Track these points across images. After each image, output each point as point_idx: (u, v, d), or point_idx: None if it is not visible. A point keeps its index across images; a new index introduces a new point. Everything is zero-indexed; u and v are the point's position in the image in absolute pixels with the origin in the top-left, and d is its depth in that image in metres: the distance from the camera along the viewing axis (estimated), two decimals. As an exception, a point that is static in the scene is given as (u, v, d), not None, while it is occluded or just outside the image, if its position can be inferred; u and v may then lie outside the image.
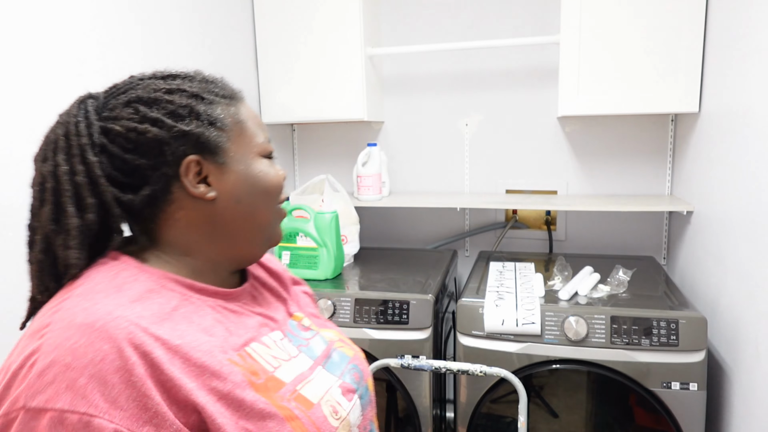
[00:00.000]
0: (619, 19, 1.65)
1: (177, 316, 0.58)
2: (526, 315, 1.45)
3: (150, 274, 0.61)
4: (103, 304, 0.53)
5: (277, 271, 0.85)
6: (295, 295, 0.84)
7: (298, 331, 0.74)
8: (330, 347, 0.76)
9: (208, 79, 0.69)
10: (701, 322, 1.35)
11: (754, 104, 1.25)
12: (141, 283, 0.59)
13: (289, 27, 1.96)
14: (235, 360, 0.59)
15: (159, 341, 0.53)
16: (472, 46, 1.89)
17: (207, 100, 0.65)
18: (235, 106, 0.68)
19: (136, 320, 0.53)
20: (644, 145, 1.98)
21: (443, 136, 2.18)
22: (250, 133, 0.68)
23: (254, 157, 0.68)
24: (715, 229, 1.50)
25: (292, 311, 0.78)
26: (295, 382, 0.64)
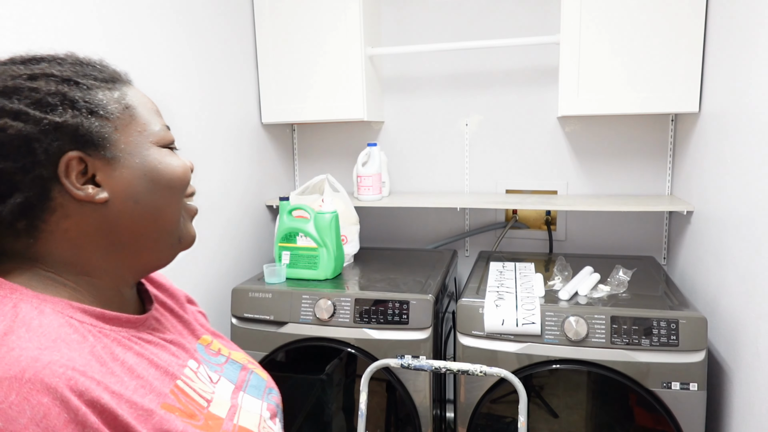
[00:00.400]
0: (619, 18, 1.65)
1: (100, 354, 0.49)
2: (526, 315, 1.45)
3: (53, 305, 0.50)
4: (22, 349, 0.43)
5: (169, 287, 0.75)
6: (192, 314, 0.75)
7: (208, 356, 0.68)
8: (246, 371, 0.71)
9: (83, 61, 0.58)
10: (701, 322, 1.35)
11: (754, 104, 1.25)
12: (49, 317, 0.48)
13: (289, 27, 1.96)
14: (170, 403, 0.53)
15: (101, 385, 0.46)
16: (472, 46, 1.89)
17: (83, 84, 0.55)
18: (120, 90, 0.58)
19: (69, 363, 0.44)
20: (644, 145, 1.98)
21: (443, 136, 2.18)
22: (142, 120, 0.58)
23: (150, 148, 0.58)
24: (715, 229, 1.50)
25: (199, 333, 0.71)
26: (229, 415, 0.60)
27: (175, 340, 0.63)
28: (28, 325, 0.46)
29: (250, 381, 0.70)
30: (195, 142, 1.65)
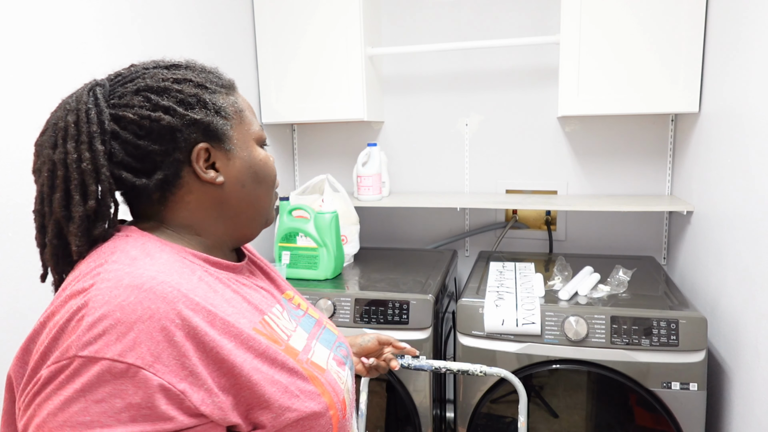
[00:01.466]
0: (619, 18, 1.65)
1: (204, 285, 0.62)
2: (526, 315, 1.45)
3: (171, 247, 0.65)
4: (146, 269, 0.57)
5: (254, 252, 0.89)
6: (276, 272, 0.89)
7: (290, 307, 0.80)
8: (320, 324, 0.83)
9: (207, 69, 0.72)
10: (701, 322, 1.35)
11: (754, 104, 1.25)
12: (167, 254, 0.63)
13: (289, 27, 1.96)
14: (259, 329, 0.64)
15: (198, 307, 0.57)
16: (472, 46, 1.89)
17: (210, 89, 0.69)
18: (233, 96, 0.72)
19: (177, 286, 0.57)
20: (644, 145, 1.98)
21: (443, 136, 2.18)
22: (248, 121, 0.72)
23: (253, 145, 0.72)
24: (715, 229, 1.50)
25: (284, 288, 0.84)
26: (305, 350, 0.71)
27: (265, 287, 0.76)
28: (152, 256, 0.60)
29: (322, 334, 0.81)
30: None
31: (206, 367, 0.56)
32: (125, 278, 0.55)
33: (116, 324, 0.52)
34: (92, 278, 0.56)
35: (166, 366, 0.52)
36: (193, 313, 0.56)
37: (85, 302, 0.53)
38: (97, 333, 0.51)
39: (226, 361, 0.57)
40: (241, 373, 0.58)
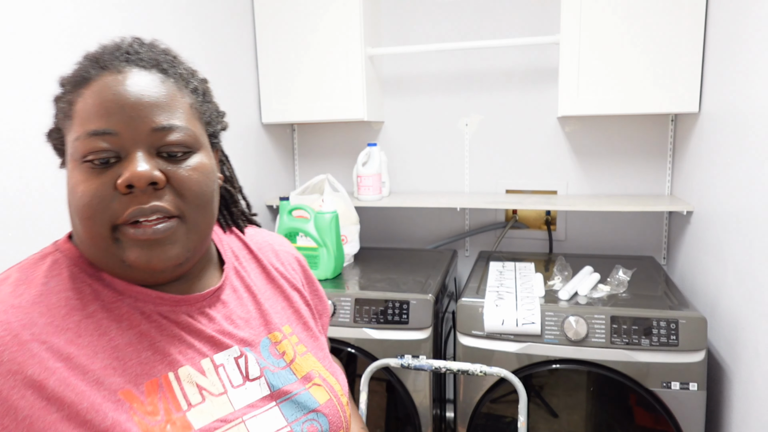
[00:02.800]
0: (619, 19, 1.65)
1: (89, 325, 0.54)
2: (526, 315, 1.45)
3: (78, 269, 0.57)
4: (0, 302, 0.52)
5: (302, 262, 0.80)
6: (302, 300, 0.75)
7: (268, 354, 0.66)
8: (298, 386, 0.66)
9: (87, 55, 0.60)
10: (701, 322, 1.35)
11: (754, 104, 1.25)
12: (58, 281, 0.55)
13: (289, 27, 1.96)
14: (135, 392, 0.53)
15: (37, 357, 0.50)
16: (472, 46, 1.89)
17: (66, 87, 0.59)
18: (78, 93, 0.57)
19: (21, 327, 0.50)
20: (644, 145, 1.98)
21: (443, 136, 2.18)
22: (75, 129, 0.55)
23: (73, 163, 0.55)
24: (715, 229, 1.50)
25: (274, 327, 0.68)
26: (210, 428, 0.56)
27: (222, 329, 0.62)
28: (29, 282, 0.54)
29: (297, 397, 0.64)
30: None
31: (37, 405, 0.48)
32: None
33: None
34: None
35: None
36: (21, 367, 0.49)
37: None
38: None
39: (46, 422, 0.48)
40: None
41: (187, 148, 0.57)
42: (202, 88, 0.64)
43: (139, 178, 0.52)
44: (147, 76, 0.56)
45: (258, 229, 0.81)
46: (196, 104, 0.61)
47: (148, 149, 0.55)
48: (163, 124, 0.55)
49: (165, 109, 0.56)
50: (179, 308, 0.60)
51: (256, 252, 0.75)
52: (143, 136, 0.54)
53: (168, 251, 0.55)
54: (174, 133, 0.56)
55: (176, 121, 0.56)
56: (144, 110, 0.54)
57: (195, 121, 0.60)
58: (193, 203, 0.57)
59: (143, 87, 0.55)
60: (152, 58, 0.59)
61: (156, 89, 0.56)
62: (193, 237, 0.58)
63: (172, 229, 0.55)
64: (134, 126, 0.54)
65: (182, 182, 0.56)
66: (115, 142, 0.53)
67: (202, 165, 0.58)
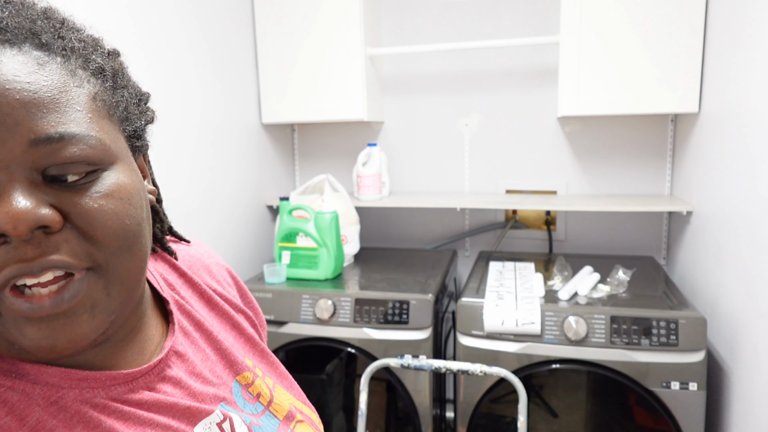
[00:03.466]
0: (619, 19, 1.65)
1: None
2: (526, 315, 1.45)
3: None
4: None
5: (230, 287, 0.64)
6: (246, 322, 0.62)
7: (243, 401, 0.54)
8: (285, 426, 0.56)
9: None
10: (701, 322, 1.35)
11: (754, 104, 1.26)
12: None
13: (289, 27, 1.96)
14: None
15: None
16: (472, 46, 1.89)
17: None
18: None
19: None
20: (644, 145, 1.98)
21: (443, 136, 2.18)
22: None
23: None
24: (715, 229, 1.50)
25: (240, 368, 0.56)
26: None
27: (189, 405, 0.47)
28: None
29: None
30: (195, 143, 1.65)
31: None
32: None
33: None
34: None
35: None
36: None
37: None
38: None
39: None
40: None
41: (92, 165, 0.38)
42: (110, 68, 0.44)
43: (17, 223, 0.34)
44: (15, 58, 0.36)
45: (182, 244, 0.64)
46: (101, 94, 0.41)
47: (29, 174, 0.36)
48: (49, 133, 0.35)
49: (50, 108, 0.36)
50: (137, 384, 0.45)
51: (188, 274, 0.59)
52: (17, 155, 0.35)
53: (81, 326, 0.38)
54: (69, 146, 0.36)
55: (71, 126, 0.37)
56: (13, 115, 0.34)
57: (103, 121, 0.40)
58: (113, 246, 0.39)
59: (10, 77, 0.35)
60: (23, 26, 0.37)
61: (32, 77, 0.36)
62: (118, 293, 0.40)
63: (82, 292, 0.37)
64: (1, 141, 0.34)
65: (90, 218, 0.37)
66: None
67: (119, 187, 0.40)
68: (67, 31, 0.41)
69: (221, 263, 0.65)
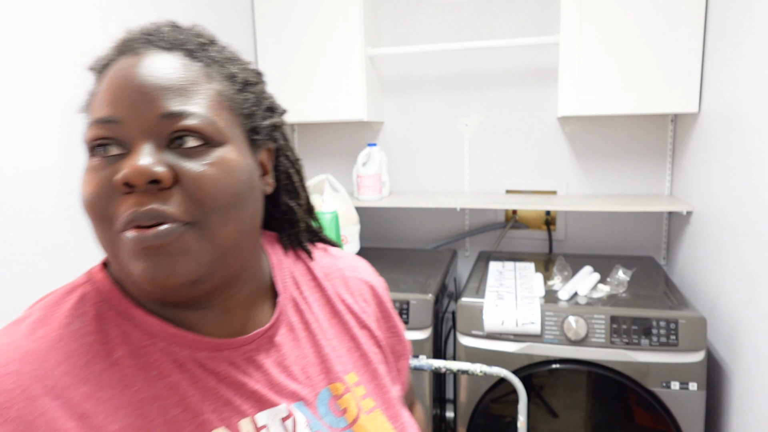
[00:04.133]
0: (619, 19, 1.65)
1: (113, 375, 0.45)
2: (526, 315, 1.45)
3: (107, 304, 0.49)
4: (11, 343, 0.45)
5: (377, 291, 0.67)
6: (395, 331, 0.67)
7: (326, 410, 0.55)
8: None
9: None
10: (701, 322, 1.35)
11: (754, 104, 1.26)
12: (88, 318, 0.47)
13: (289, 27, 1.96)
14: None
15: (47, 415, 0.42)
16: (472, 46, 1.89)
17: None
18: (97, 81, 0.50)
19: (33, 379, 0.43)
20: (644, 145, 1.98)
21: (443, 136, 2.18)
22: (90, 117, 0.48)
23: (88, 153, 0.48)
24: (715, 229, 1.50)
25: (336, 377, 0.57)
26: None
27: (258, 390, 0.50)
28: (48, 319, 0.47)
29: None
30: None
31: None
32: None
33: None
34: None
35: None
36: (29, 427, 0.41)
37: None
38: None
39: None
40: None
41: (205, 139, 0.47)
42: (243, 77, 0.54)
43: (137, 175, 0.43)
44: (164, 57, 0.48)
45: (331, 249, 0.70)
46: (227, 92, 0.51)
47: (157, 140, 0.45)
48: (173, 110, 0.46)
49: (179, 93, 0.47)
50: (220, 354, 0.50)
51: (320, 279, 0.63)
52: (150, 124, 0.45)
53: (176, 264, 0.45)
54: (187, 119, 0.46)
55: (191, 107, 0.47)
56: (152, 94, 0.46)
57: (222, 111, 0.49)
58: (208, 206, 0.46)
59: (155, 68, 0.47)
60: (176, 38, 0.51)
61: (171, 71, 0.47)
62: (209, 249, 0.46)
63: (175, 234, 0.44)
64: (139, 112, 0.45)
65: (195, 180, 0.45)
66: (118, 131, 0.45)
67: (224, 160, 0.47)
68: (211, 46, 0.53)
69: (366, 279, 0.68)
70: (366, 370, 0.60)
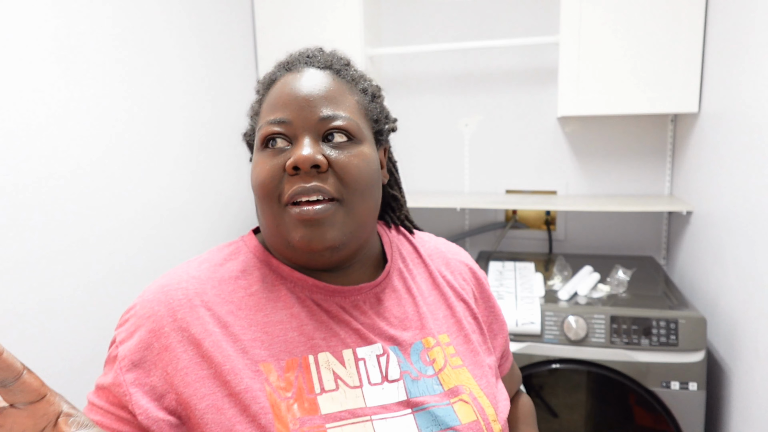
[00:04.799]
0: (619, 19, 1.65)
1: (249, 301, 0.61)
2: (526, 315, 1.45)
3: (253, 255, 0.66)
4: (183, 271, 0.62)
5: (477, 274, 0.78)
6: (494, 310, 0.77)
7: (417, 359, 0.64)
8: (440, 398, 0.61)
9: (283, 61, 0.71)
10: (700, 322, 1.35)
11: (754, 104, 1.26)
12: (238, 262, 0.65)
13: (289, 27, 1.96)
14: (275, 368, 0.58)
15: (202, 320, 0.58)
16: (472, 46, 1.89)
17: (258, 89, 0.70)
18: (268, 89, 0.67)
19: (190, 295, 0.60)
20: (644, 145, 1.98)
21: (443, 136, 2.18)
22: (261, 118, 0.65)
23: (258, 147, 0.63)
24: (715, 229, 1.50)
25: (431, 332, 0.66)
26: (337, 416, 0.56)
27: (360, 328, 0.62)
28: (213, 261, 0.65)
29: (435, 409, 0.60)
30: (195, 144, 1.65)
31: (167, 386, 0.56)
32: (164, 277, 0.62)
33: (131, 317, 0.59)
34: None
35: (133, 365, 0.56)
36: (189, 325, 0.58)
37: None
38: (123, 320, 0.60)
39: (189, 387, 0.55)
40: (195, 408, 0.55)
41: (349, 135, 0.61)
42: (371, 91, 0.70)
43: (304, 161, 0.57)
44: (320, 74, 0.64)
45: (432, 236, 0.82)
46: (363, 102, 0.66)
47: (315, 136, 0.60)
48: (329, 114, 0.61)
49: (332, 101, 0.62)
50: (332, 298, 0.64)
51: (425, 257, 0.75)
52: (311, 123, 0.60)
53: (326, 233, 0.59)
54: (338, 120, 0.61)
55: (341, 112, 0.62)
56: (313, 101, 0.61)
57: (360, 116, 0.64)
58: (352, 187, 0.60)
59: (315, 83, 0.63)
60: (327, 60, 0.67)
61: (326, 85, 0.63)
62: (351, 222, 0.60)
63: (330, 211, 0.58)
64: (304, 115, 0.61)
65: (343, 166, 0.60)
66: (288, 128, 0.61)
67: (362, 153, 0.62)
68: (350, 67, 0.70)
69: (466, 262, 0.79)
70: (459, 334, 0.69)
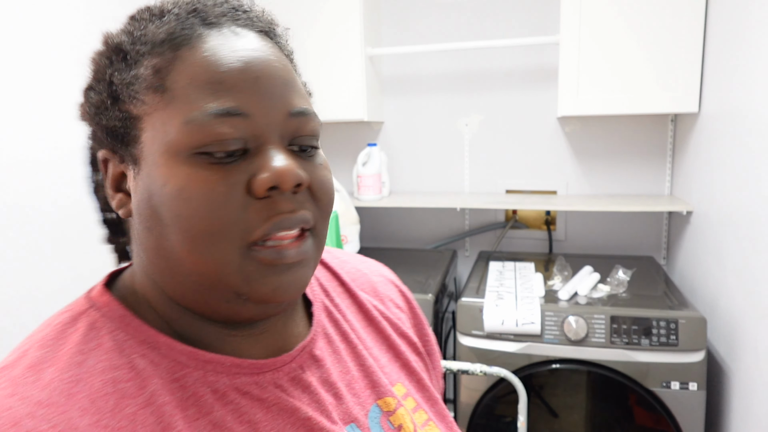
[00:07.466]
0: (619, 19, 1.65)
1: (144, 418, 0.37)
2: (526, 315, 1.45)
3: (128, 335, 0.40)
4: (21, 397, 0.35)
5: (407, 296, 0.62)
6: (428, 338, 0.60)
7: (379, 430, 0.48)
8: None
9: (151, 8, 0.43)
10: (701, 322, 1.35)
11: (754, 104, 1.26)
12: (102, 354, 0.38)
13: (290, 27, 1.96)
14: None
15: None
16: (472, 46, 1.89)
17: (130, 51, 0.41)
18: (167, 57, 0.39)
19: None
20: (644, 145, 1.98)
21: (443, 136, 2.18)
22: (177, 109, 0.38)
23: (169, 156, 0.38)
24: (715, 229, 1.50)
25: (383, 391, 0.50)
26: None
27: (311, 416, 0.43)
28: (58, 362, 0.37)
29: None
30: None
31: None
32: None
33: None
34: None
35: None
36: None
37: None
38: None
39: None
40: None
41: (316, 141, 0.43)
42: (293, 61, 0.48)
43: (287, 178, 0.37)
44: (268, 44, 0.42)
45: (346, 253, 0.63)
46: (306, 88, 0.46)
47: (283, 141, 0.40)
48: (300, 108, 0.41)
49: (295, 89, 0.41)
50: (264, 378, 0.43)
51: (349, 284, 0.57)
52: (279, 122, 0.40)
53: (303, 277, 0.41)
54: (311, 121, 0.42)
55: (308, 106, 0.42)
56: (279, 88, 0.40)
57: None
58: (326, 212, 0.43)
59: (273, 58, 0.40)
60: (267, 22, 0.45)
61: (282, 62, 0.41)
62: (318, 257, 0.43)
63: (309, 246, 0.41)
64: (269, 107, 0.39)
65: (320, 184, 0.42)
66: (246, 127, 0.38)
67: (326, 162, 0.44)
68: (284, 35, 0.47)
69: (394, 282, 0.63)
70: (411, 379, 0.54)
